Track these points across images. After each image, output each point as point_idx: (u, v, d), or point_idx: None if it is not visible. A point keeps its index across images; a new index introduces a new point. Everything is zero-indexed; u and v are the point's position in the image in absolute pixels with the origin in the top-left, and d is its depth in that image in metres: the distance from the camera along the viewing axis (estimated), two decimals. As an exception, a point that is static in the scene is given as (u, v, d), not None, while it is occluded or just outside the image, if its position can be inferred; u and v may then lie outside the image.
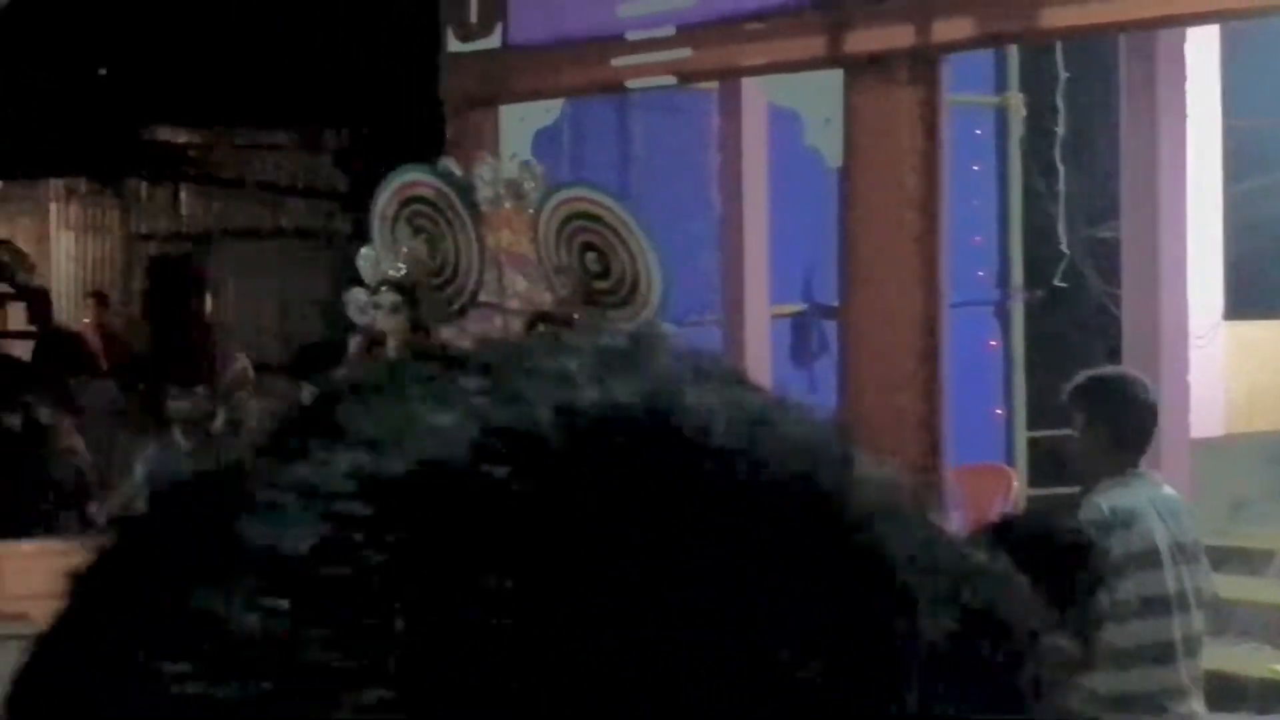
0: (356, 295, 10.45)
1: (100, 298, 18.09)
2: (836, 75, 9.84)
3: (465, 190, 10.67)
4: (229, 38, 16.29)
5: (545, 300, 10.22)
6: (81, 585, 0.55)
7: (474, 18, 11.59)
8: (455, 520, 0.50)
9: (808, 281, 12.40)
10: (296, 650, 0.49)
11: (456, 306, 10.51)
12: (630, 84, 11.00)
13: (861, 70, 9.58)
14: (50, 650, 0.53)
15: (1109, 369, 7.13)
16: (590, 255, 10.22)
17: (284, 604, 0.50)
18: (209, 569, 0.51)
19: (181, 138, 19.61)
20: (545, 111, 11.59)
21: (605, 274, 10.17)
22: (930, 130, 9.34)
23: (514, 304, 10.56)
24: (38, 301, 19.09)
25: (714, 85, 11.47)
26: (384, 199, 10.86)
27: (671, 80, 10.85)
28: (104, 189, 20.18)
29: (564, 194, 10.47)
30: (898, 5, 9.47)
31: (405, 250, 10.39)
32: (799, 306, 12.46)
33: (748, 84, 11.19)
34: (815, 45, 9.86)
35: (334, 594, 0.50)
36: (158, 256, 20.00)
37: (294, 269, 19.02)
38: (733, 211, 11.49)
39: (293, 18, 15.87)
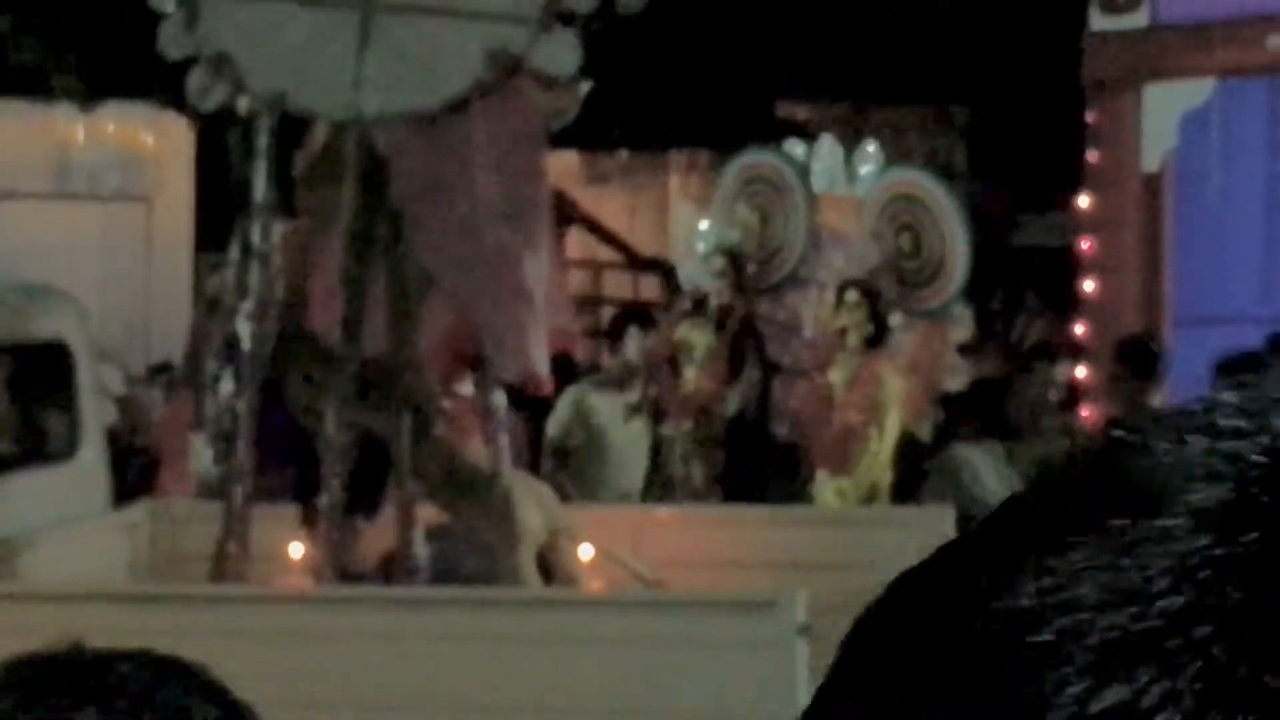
0: (691, 262, 11.65)
1: (735, 261, 18.34)
2: None
3: (804, 172, 11.74)
4: (865, 12, 16.30)
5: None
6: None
7: (1121, -7, 11.28)
8: None
9: None
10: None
11: (775, 280, 11.48)
12: (1287, 65, 10.55)
13: None
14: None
15: None
16: (905, 235, 11.12)
17: None
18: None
19: (802, 113, 19.73)
20: (1194, 93, 11.18)
21: (916, 254, 11.06)
22: None
23: (831, 280, 11.29)
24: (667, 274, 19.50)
25: (1374, 67, 10.90)
26: (729, 176, 12.04)
27: (1331, 60, 10.35)
28: (725, 161, 20.47)
29: (895, 175, 11.61)
30: None
31: (740, 220, 11.45)
32: None
33: None
34: None
35: None
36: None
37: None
38: (1388, 199, 10.90)
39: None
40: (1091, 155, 11.49)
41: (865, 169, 12.05)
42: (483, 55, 6.36)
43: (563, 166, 18.54)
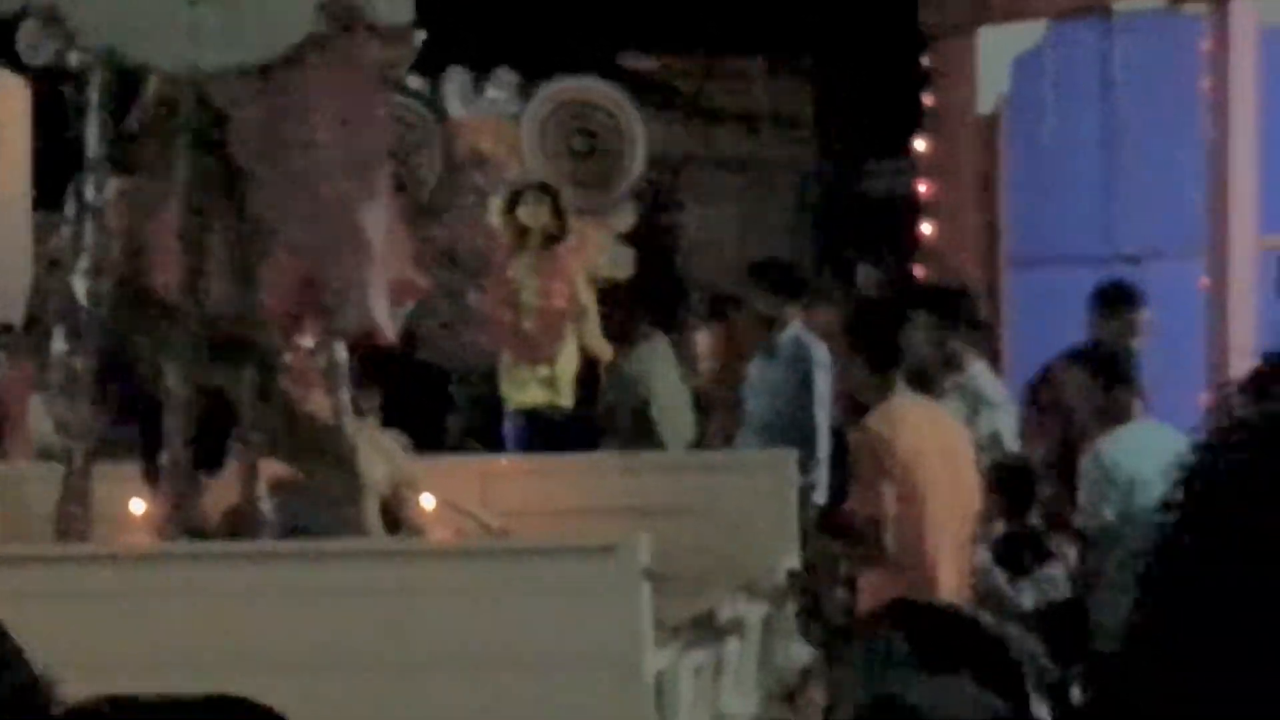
0: None
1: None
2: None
3: (431, 103, 11.99)
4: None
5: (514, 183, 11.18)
6: None
7: (955, -61, 11.39)
8: None
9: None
10: None
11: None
12: (1116, 6, 10.68)
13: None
14: None
15: None
16: (578, 138, 11.64)
17: None
18: None
19: (647, 64, 19.70)
20: (1026, 36, 11.31)
21: (589, 155, 11.57)
22: None
23: (470, 199, 11.80)
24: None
25: (1202, 7, 11.06)
26: None
27: (1161, 2, 10.49)
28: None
29: (562, 84, 12.00)
30: None
31: None
32: (1291, 238, 11.97)
33: (1239, 5, 10.77)
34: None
35: None
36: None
37: (756, 197, 19.03)
38: (1220, 139, 11.06)
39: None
40: (928, 99, 11.61)
41: (498, 93, 12.31)
42: (315, 6, 6.34)
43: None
